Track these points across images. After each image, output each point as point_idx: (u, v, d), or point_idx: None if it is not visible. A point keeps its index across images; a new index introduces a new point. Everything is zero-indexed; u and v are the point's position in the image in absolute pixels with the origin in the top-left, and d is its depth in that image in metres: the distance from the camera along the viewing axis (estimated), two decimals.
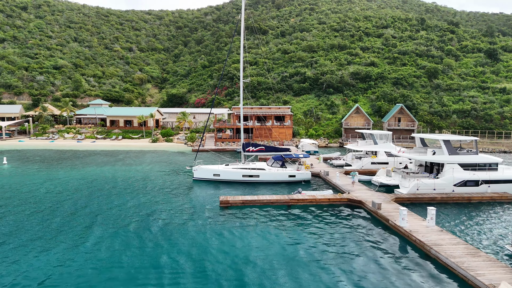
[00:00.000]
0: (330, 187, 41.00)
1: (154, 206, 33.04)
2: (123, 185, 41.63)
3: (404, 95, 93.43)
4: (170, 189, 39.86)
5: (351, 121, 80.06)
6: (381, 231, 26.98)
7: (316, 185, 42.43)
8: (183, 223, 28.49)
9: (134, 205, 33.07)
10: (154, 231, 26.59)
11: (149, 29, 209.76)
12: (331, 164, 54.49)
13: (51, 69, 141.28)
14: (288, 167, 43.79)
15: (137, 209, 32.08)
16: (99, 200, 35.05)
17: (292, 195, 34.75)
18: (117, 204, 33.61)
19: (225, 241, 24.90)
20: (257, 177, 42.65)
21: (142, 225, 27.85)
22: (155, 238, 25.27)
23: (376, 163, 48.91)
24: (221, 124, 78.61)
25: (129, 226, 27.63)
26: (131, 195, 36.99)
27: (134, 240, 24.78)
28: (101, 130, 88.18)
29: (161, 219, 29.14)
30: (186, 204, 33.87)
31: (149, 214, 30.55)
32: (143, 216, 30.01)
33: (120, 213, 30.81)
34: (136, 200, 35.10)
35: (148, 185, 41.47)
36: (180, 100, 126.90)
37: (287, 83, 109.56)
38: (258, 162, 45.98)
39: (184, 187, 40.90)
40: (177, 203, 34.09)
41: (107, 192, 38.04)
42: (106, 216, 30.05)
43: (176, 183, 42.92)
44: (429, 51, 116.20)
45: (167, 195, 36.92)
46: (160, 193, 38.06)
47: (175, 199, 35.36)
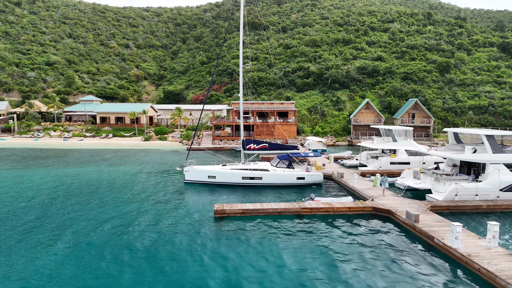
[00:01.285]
0: (345, 192, 34.16)
1: (134, 216, 26.23)
2: (104, 189, 34.82)
3: (415, 90, 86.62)
4: (156, 194, 33.03)
5: (361, 118, 73.21)
6: (425, 254, 20.16)
7: (329, 189, 35.59)
8: (165, 241, 21.68)
9: (112, 216, 26.22)
10: (125, 253, 19.77)
11: (147, 26, 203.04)
12: (342, 165, 47.67)
13: (43, 65, 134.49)
14: (295, 168, 36.98)
15: (114, 220, 25.29)
16: (72, 208, 28.28)
17: (304, 203, 27.95)
18: (92, 213, 26.79)
19: (217, 268, 18.10)
20: (259, 180, 35.86)
21: (113, 243, 21.02)
22: (126, 264, 18.46)
23: (396, 163, 42.09)
24: (219, 121, 71.80)
25: (100, 243, 20.83)
26: (111, 201, 30.16)
27: (103, 265, 17.98)
28: (90, 127, 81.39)
29: (137, 236, 22.34)
30: (172, 214, 27.04)
31: (125, 228, 23.71)
32: (117, 230, 23.18)
33: (94, 226, 24.05)
34: (115, 208, 28.27)
35: (132, 189, 34.66)
36: (177, 97, 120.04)
37: (289, 79, 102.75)
38: (261, 162, 39.18)
39: (173, 191, 34.08)
40: (161, 213, 27.27)
41: (85, 198, 31.24)
42: (77, 229, 23.34)
43: (164, 186, 36.09)
44: (439, 45, 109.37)
45: (151, 202, 30.09)
46: (144, 199, 31.24)
47: (160, 208, 28.52)
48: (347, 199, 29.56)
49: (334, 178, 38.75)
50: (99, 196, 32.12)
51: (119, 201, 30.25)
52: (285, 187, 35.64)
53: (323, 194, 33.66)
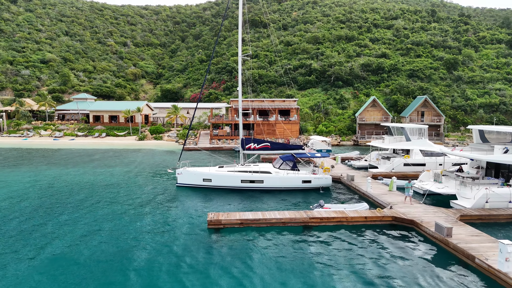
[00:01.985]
0: (358, 198, 30.17)
1: (114, 227, 22.26)
2: (84, 193, 30.85)
3: (423, 88, 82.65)
4: (142, 200, 29.04)
5: (367, 116, 69.18)
6: (465, 279, 16.17)
7: (339, 194, 31.59)
8: (148, 260, 17.70)
9: (83, 226, 22.23)
10: (88, 278, 15.77)
11: (146, 24, 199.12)
12: (350, 166, 43.70)
13: (38, 63, 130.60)
14: (300, 170, 32.98)
15: (91, 231, 21.31)
16: (46, 215, 24.42)
17: (312, 211, 23.98)
18: (63, 221, 22.80)
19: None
20: (260, 183, 31.87)
21: (77, 261, 17.02)
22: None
23: (410, 165, 38.10)
24: (217, 119, 67.80)
25: (62, 259, 16.84)
26: (88, 208, 26.18)
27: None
28: (83, 126, 77.38)
29: (117, 252, 18.36)
30: (158, 225, 23.07)
31: (94, 242, 19.70)
32: (86, 244, 19.19)
33: (61, 237, 20.07)
34: (93, 216, 24.32)
35: (116, 194, 30.67)
36: (175, 96, 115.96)
37: (291, 76, 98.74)
38: (262, 164, 35.19)
39: (162, 197, 30.08)
40: (145, 223, 23.29)
41: (59, 203, 27.32)
42: (40, 242, 19.26)
43: (153, 191, 32.08)
44: (445, 42, 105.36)
45: (137, 209, 26.11)
46: (129, 205, 27.27)
47: (145, 217, 24.54)
48: (361, 206, 25.57)
49: (343, 181, 34.76)
50: (77, 201, 28.14)
51: (98, 208, 26.26)
52: (289, 191, 31.65)
53: (332, 199, 29.67)
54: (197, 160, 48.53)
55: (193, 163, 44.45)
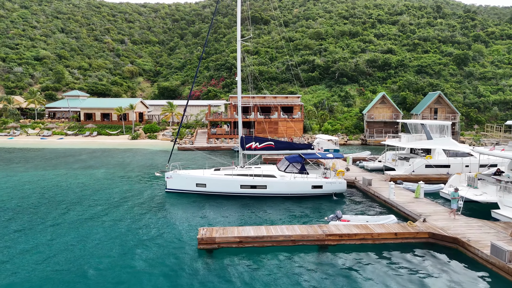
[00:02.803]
0: (378, 206, 25.42)
1: (75, 246, 17.48)
2: (59, 199, 26.18)
3: (433, 84, 77.86)
4: (124, 208, 24.30)
5: (375, 113, 64.35)
6: None
7: (355, 201, 26.83)
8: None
9: (46, 241, 17.47)
10: None
11: (144, 21, 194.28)
12: (362, 167, 38.94)
13: (31, 60, 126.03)
14: (310, 173, 28.21)
15: (46, 254, 16.55)
16: (2, 228, 19.63)
17: (328, 226, 19.22)
18: (26, 234, 18.02)
19: None
20: (263, 189, 27.11)
21: None
22: None
23: (433, 166, 33.31)
24: (215, 117, 63.05)
25: None
26: (56, 220, 21.43)
27: None
28: (74, 125, 72.59)
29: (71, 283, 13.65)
30: (137, 243, 18.31)
31: (58, 268, 14.95)
32: (43, 275, 14.42)
33: (19, 255, 15.34)
34: (55, 231, 19.54)
35: (95, 201, 25.94)
36: (172, 94, 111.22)
37: (293, 73, 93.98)
38: (264, 166, 30.41)
39: (148, 205, 25.33)
40: (121, 241, 18.54)
41: (26, 213, 22.53)
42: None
43: (138, 197, 27.33)
44: (454, 37, 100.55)
45: (113, 222, 21.37)
46: (104, 216, 22.53)
47: (122, 232, 19.80)
48: (388, 219, 20.79)
49: (358, 186, 29.98)
50: (48, 208, 23.42)
51: (64, 221, 21.51)
52: (296, 198, 26.89)
53: (348, 208, 24.91)
54: (192, 161, 43.81)
55: (187, 164, 39.77)
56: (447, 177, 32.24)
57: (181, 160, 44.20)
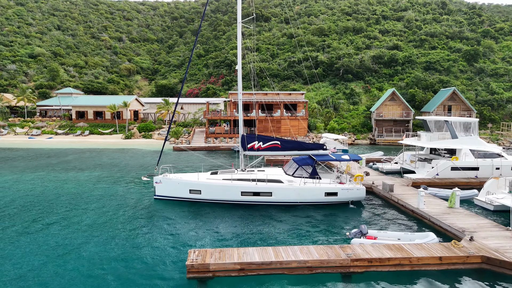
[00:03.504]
0: (405, 217, 21.27)
1: (37, 273, 13.28)
2: (32, 205, 22.02)
3: (443, 81, 73.71)
4: (103, 220, 20.14)
5: (385, 111, 60.16)
6: None
7: (375, 211, 22.66)
8: None
9: (6, 263, 13.33)
10: None
11: (142, 19, 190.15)
12: (376, 169, 34.79)
13: (25, 57, 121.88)
14: (322, 177, 24.05)
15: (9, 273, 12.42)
16: None
17: (353, 246, 15.06)
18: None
19: None
20: (267, 196, 22.99)
21: None
22: None
23: (460, 169, 29.14)
24: (214, 115, 58.91)
25: None
26: (19, 233, 17.19)
27: None
28: (65, 123, 68.43)
29: None
30: (112, 270, 14.13)
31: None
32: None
33: None
34: (15, 248, 15.36)
35: (70, 210, 21.79)
36: (170, 92, 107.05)
37: (295, 69, 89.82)
38: (269, 169, 26.23)
39: (132, 216, 21.17)
40: (93, 264, 14.34)
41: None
42: None
43: (122, 206, 23.18)
44: (462, 33, 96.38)
45: (85, 239, 17.18)
46: (77, 230, 18.34)
47: (97, 253, 15.59)
48: (425, 237, 16.61)
49: (377, 192, 25.84)
50: (11, 219, 19.21)
51: (28, 233, 17.30)
52: (307, 207, 22.75)
53: (369, 220, 20.76)
54: (187, 163, 39.68)
55: (181, 167, 35.62)
56: (477, 181, 28.15)
57: (175, 162, 40.12)
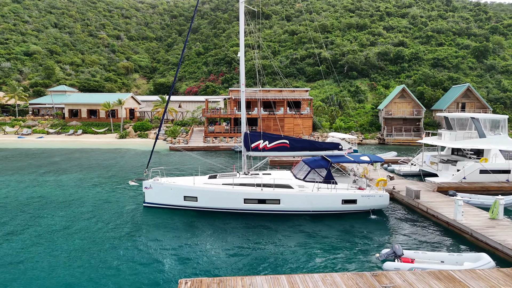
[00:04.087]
0: (436, 230, 17.81)
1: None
2: (1, 212, 18.53)
3: (452, 78, 70.30)
4: (78, 236, 16.62)
5: (394, 109, 56.72)
6: None
7: (400, 222, 19.19)
8: None
9: None
10: None
11: (141, 17, 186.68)
12: (392, 171, 31.36)
13: (21, 55, 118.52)
14: (338, 182, 20.58)
15: None
16: None
17: (388, 274, 11.55)
18: None
19: None
20: (274, 204, 19.57)
21: None
22: None
23: (489, 172, 25.70)
24: (213, 113, 55.47)
25: None
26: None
27: None
28: (57, 122, 64.98)
29: None
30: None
31: None
32: None
33: None
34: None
35: (45, 217, 18.28)
36: (168, 90, 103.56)
37: (297, 67, 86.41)
38: (276, 172, 22.79)
39: (115, 228, 17.69)
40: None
41: None
42: None
43: (106, 215, 19.73)
44: (469, 29, 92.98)
45: (53, 260, 13.65)
46: (47, 248, 14.81)
47: (64, 275, 12.11)
48: (477, 259, 13.15)
49: (399, 199, 22.39)
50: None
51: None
52: (320, 217, 19.33)
53: (395, 234, 17.30)
54: (184, 165, 36.23)
55: (176, 170, 32.19)
56: (509, 186, 24.73)
57: (170, 163, 36.69)
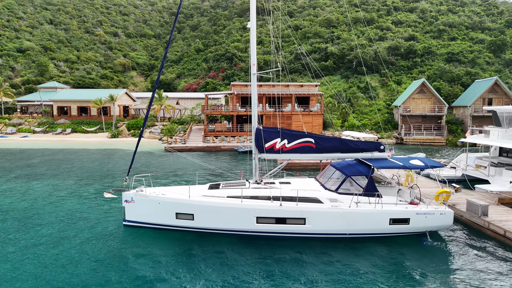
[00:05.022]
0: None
1: None
2: None
3: (470, 73, 65.07)
4: (29, 270, 11.25)
5: (412, 105, 51.42)
6: None
7: (470, 250, 13.89)
8: None
9: None
10: None
11: (139, 14, 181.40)
12: (427, 177, 26.04)
13: (13, 51, 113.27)
14: (380, 194, 15.26)
15: None
16: None
17: None
18: None
19: None
20: (299, 225, 14.26)
21: None
22: None
23: None
24: (213, 110, 50.19)
25: None
26: None
27: None
28: (45, 120, 59.68)
29: None
30: None
31: None
32: None
33: None
34: None
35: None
36: (167, 87, 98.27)
37: (302, 62, 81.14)
38: (297, 179, 17.47)
39: (78, 261, 12.30)
40: None
41: None
42: None
43: (74, 238, 14.38)
44: (483, 23, 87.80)
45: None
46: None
47: None
48: None
49: (458, 216, 17.07)
50: None
51: None
52: (359, 241, 14.06)
53: (467, 268, 12.00)
54: (177, 169, 30.99)
55: (164, 177, 26.97)
56: None
57: (163, 167, 31.43)
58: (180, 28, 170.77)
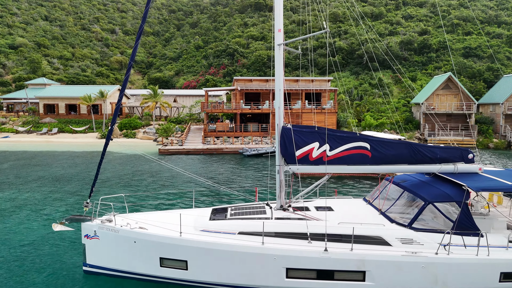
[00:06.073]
0: None
1: None
2: None
3: (492, 68, 59.67)
4: None
5: (437, 102, 45.94)
6: None
7: None
8: None
9: None
10: None
11: (138, 11, 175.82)
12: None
13: (5, 48, 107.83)
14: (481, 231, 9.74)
15: None
16: None
17: None
18: None
19: None
20: (354, 280, 8.66)
21: None
22: None
23: None
24: (214, 108, 44.70)
25: None
26: None
27: None
28: (31, 119, 54.15)
29: None
30: None
31: None
32: None
33: None
34: None
35: None
36: (165, 85, 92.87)
37: (308, 58, 75.69)
38: (335, 200, 11.94)
39: None
40: None
41: None
42: None
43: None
44: (499, 17, 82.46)
45: None
46: None
47: None
48: None
49: None
50: None
51: None
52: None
53: None
54: (168, 181, 25.51)
55: (146, 197, 21.54)
56: None
57: (154, 177, 25.97)
58: (180, 25, 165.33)
